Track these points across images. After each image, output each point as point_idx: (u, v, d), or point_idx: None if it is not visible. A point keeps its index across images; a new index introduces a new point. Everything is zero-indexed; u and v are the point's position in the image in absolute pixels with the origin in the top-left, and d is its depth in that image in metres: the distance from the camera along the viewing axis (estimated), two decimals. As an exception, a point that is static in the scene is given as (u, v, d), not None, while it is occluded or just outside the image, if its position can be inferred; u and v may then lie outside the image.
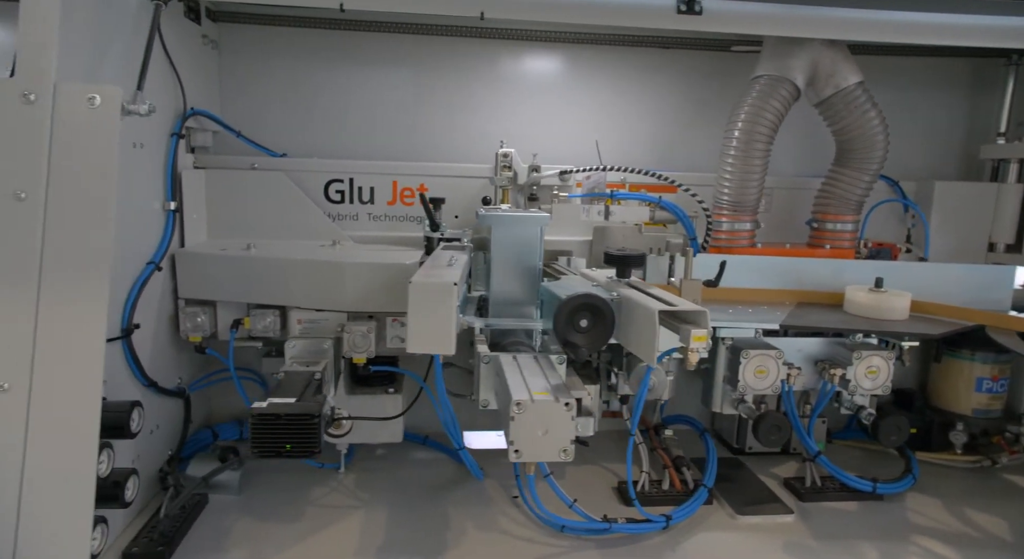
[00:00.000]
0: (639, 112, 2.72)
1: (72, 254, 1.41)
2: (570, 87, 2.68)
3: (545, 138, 2.61)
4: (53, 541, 1.35)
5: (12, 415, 1.36)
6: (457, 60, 2.61)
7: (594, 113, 2.70)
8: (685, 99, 2.73)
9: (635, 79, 2.70)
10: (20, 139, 1.42)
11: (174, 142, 2.06)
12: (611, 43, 2.65)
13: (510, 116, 2.65)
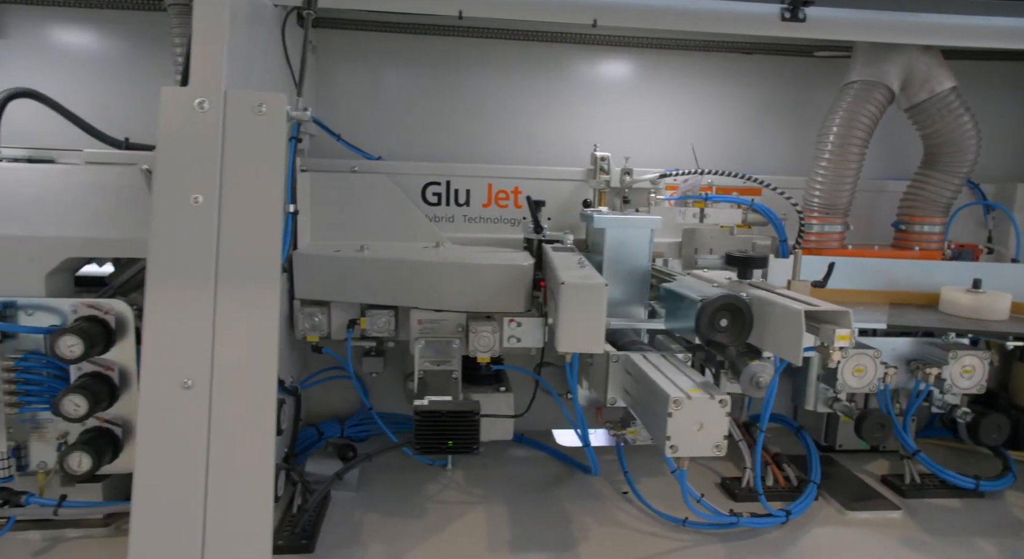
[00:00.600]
0: (720, 116, 2.77)
1: (245, 255, 1.46)
2: (654, 92, 2.72)
3: (630, 141, 2.65)
4: (238, 530, 1.40)
5: (196, 410, 1.41)
6: (546, 65, 2.65)
7: (676, 117, 2.74)
8: (765, 104, 2.78)
9: (716, 84, 2.74)
10: (195, 145, 1.47)
11: (292, 146, 2.11)
12: (695, 49, 2.69)
13: (598, 120, 2.69)
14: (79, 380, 1.70)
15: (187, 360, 1.42)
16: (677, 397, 1.48)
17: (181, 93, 1.48)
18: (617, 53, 2.69)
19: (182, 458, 1.40)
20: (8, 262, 1.68)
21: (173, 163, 1.45)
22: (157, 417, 1.40)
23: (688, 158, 2.64)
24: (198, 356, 1.42)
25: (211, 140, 1.47)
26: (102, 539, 1.78)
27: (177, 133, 1.47)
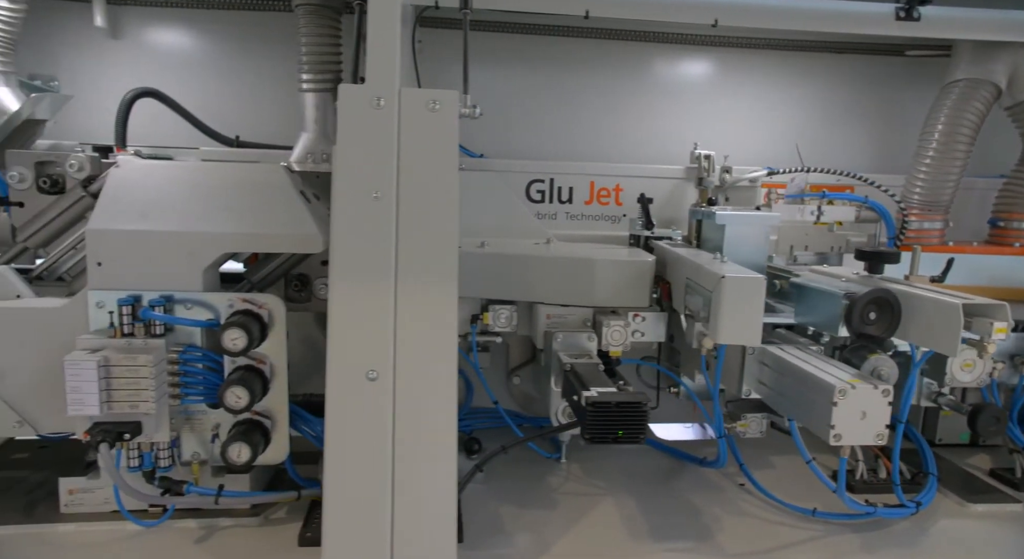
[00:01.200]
0: (807, 114, 2.80)
1: (423, 250, 1.49)
2: (743, 91, 2.76)
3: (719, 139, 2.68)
4: (424, 515, 1.43)
5: (381, 400, 1.45)
6: (635, 64, 2.69)
7: (764, 115, 2.78)
8: (853, 102, 2.81)
9: (805, 83, 2.78)
10: (372, 142, 1.50)
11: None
12: (786, 48, 2.72)
13: (688, 118, 2.73)
14: (236, 373, 1.73)
15: (371, 352, 1.45)
16: (842, 387, 1.51)
17: (358, 90, 1.51)
18: (705, 52, 2.73)
19: (369, 446, 1.43)
20: (168, 257, 1.71)
21: (352, 160, 1.49)
22: (344, 407, 1.44)
23: (778, 155, 2.68)
24: (381, 348, 1.46)
25: (388, 137, 1.50)
26: (253, 528, 1.82)
27: (355, 130, 1.50)
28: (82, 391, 1.60)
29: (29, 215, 1.90)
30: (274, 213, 1.81)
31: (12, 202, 1.88)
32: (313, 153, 2.19)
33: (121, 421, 1.65)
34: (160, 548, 1.71)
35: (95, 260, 1.70)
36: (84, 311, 1.71)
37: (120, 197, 1.77)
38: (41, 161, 1.87)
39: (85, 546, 1.70)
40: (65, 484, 1.82)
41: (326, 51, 2.16)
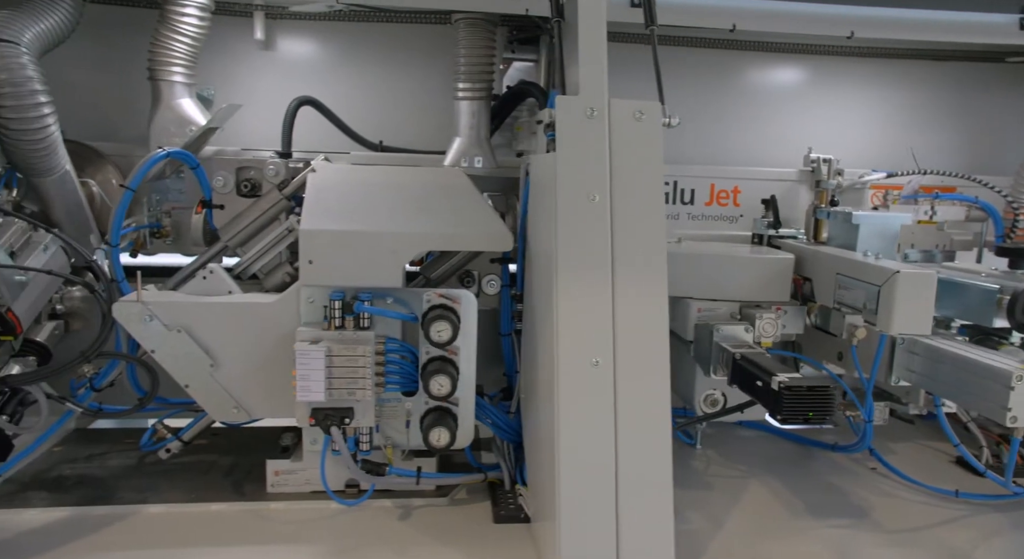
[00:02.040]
0: (905, 119, 2.93)
1: (635, 247, 1.63)
2: (846, 96, 2.88)
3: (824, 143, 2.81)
4: (644, 490, 1.57)
5: (603, 386, 1.58)
6: (744, 73, 2.82)
7: (865, 119, 2.90)
8: (950, 107, 2.94)
9: (903, 88, 2.90)
10: (587, 148, 1.64)
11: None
12: (888, 56, 2.84)
13: (796, 123, 2.85)
14: (434, 364, 1.87)
15: (594, 341, 1.59)
16: (1020, 373, 1.65)
17: (574, 101, 1.65)
18: (803, 60, 2.83)
19: (594, 423, 1.57)
20: (372, 255, 1.84)
21: (571, 165, 1.62)
22: (573, 391, 1.57)
23: (879, 157, 2.82)
24: (602, 337, 1.59)
25: (600, 144, 1.64)
26: (445, 507, 1.95)
27: (572, 138, 1.64)
28: (310, 379, 1.74)
29: (229, 217, 2.03)
30: (464, 213, 1.95)
31: (215, 205, 2.02)
32: (467, 156, 2.33)
33: (338, 407, 1.78)
34: (370, 524, 1.84)
35: (307, 258, 1.83)
36: (295, 306, 1.85)
37: (322, 200, 1.91)
38: (241, 166, 2.01)
39: (300, 522, 1.84)
40: (272, 466, 1.96)
41: (482, 62, 2.29)
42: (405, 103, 2.63)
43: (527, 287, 1.97)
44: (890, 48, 2.83)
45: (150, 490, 1.95)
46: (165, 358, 1.84)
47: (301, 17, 2.51)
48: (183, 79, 2.19)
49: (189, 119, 2.19)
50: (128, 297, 1.81)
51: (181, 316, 1.82)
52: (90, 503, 1.87)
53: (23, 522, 1.78)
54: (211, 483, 2.01)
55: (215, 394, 1.87)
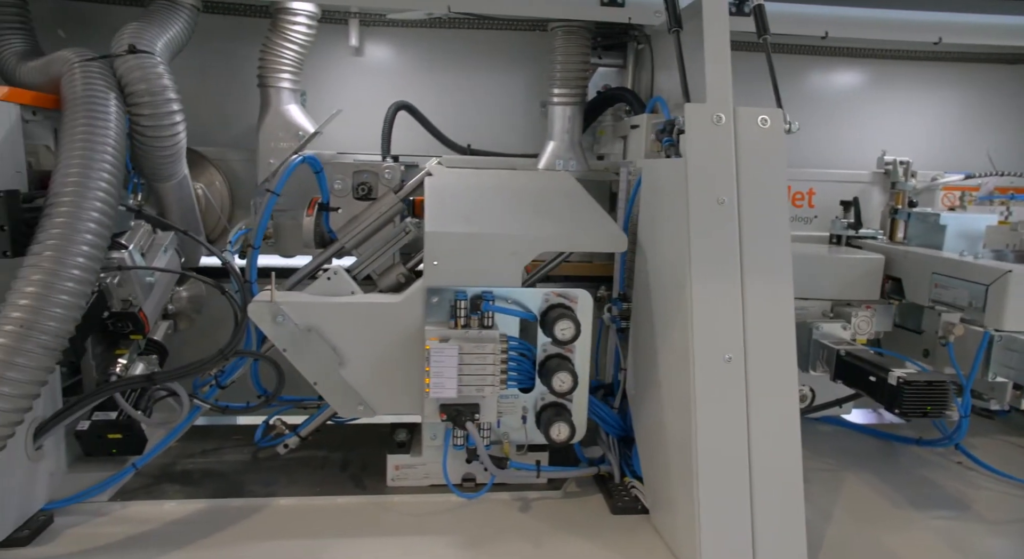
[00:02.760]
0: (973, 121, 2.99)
1: (762, 247, 1.70)
2: (915, 99, 2.95)
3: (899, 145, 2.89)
4: (776, 480, 1.64)
5: (735, 379, 1.65)
6: (825, 76, 2.89)
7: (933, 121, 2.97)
8: (1008, 108, 3.01)
9: (973, 91, 2.97)
10: (715, 154, 1.71)
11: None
12: (961, 60, 2.90)
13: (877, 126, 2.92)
14: (553, 361, 1.93)
15: (726, 337, 1.66)
16: None
17: (701, 108, 1.71)
18: (867, 64, 2.90)
19: (728, 419, 1.64)
20: (494, 256, 1.91)
21: (701, 169, 1.69)
22: (708, 386, 1.64)
23: (949, 160, 2.90)
24: (734, 334, 1.66)
25: (727, 149, 1.71)
26: (559, 499, 2.02)
27: (700, 143, 1.70)
28: (443, 375, 1.80)
29: (344, 219, 2.10)
30: (578, 216, 2.01)
31: (332, 208, 2.08)
32: (562, 159, 2.40)
33: (467, 403, 1.85)
34: (494, 516, 1.91)
35: (432, 259, 1.90)
36: (419, 305, 1.91)
37: (442, 202, 1.98)
38: (357, 170, 2.07)
39: (426, 514, 1.91)
40: (392, 461, 2.02)
41: (577, 68, 2.36)
42: (489, 107, 2.70)
43: (639, 286, 2.03)
44: (963, 52, 2.89)
45: (272, 484, 2.02)
46: (295, 356, 1.90)
47: (393, 24, 2.57)
48: (290, 85, 2.26)
49: (295, 124, 2.26)
50: (261, 297, 1.87)
51: (311, 316, 1.89)
52: (224, 496, 1.94)
53: (166, 513, 1.85)
54: (329, 477, 2.08)
55: (342, 391, 1.93)
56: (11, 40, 2.08)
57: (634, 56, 2.56)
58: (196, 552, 1.69)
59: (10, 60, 2.04)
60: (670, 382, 1.78)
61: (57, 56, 1.87)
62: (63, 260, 1.48)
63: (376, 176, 2.09)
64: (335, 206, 2.08)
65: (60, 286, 1.46)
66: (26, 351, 1.40)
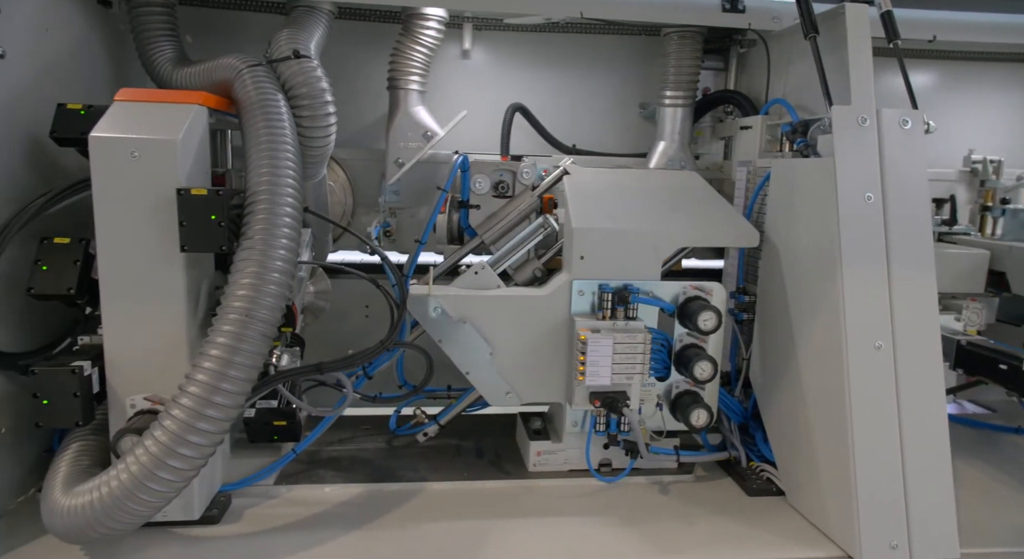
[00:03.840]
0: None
1: (906, 240, 1.79)
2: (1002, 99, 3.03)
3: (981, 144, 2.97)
4: (926, 461, 1.73)
5: (885, 366, 1.75)
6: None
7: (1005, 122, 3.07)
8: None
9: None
10: (861, 153, 1.80)
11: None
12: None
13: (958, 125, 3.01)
14: (691, 350, 2.03)
15: (876, 326, 1.76)
16: None
17: (847, 111, 1.81)
18: (938, 65, 2.99)
19: (880, 403, 1.73)
20: (636, 251, 2.01)
21: (848, 167, 1.79)
22: (860, 372, 1.74)
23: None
24: (882, 323, 1.76)
25: (871, 149, 1.81)
26: (693, 483, 2.12)
27: (848, 143, 1.80)
28: (599, 364, 1.90)
29: (483, 217, 2.20)
30: (710, 213, 2.11)
31: (471, 205, 2.18)
32: (672, 159, 2.50)
33: (616, 391, 1.95)
34: (639, 498, 2.01)
35: (579, 254, 1.99)
36: (564, 298, 2.01)
37: (584, 200, 2.07)
38: (496, 169, 2.17)
39: (573, 496, 2.01)
40: (534, 447, 2.12)
41: (690, 72, 2.46)
42: (587, 108, 2.78)
43: (766, 279, 2.12)
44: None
45: (417, 470, 2.11)
46: (450, 347, 2.00)
47: (506, 28, 2.67)
48: (418, 87, 2.36)
49: (423, 125, 2.35)
50: (419, 291, 1.97)
51: (465, 308, 1.99)
52: (378, 480, 2.03)
53: (328, 496, 1.95)
54: (470, 464, 2.17)
55: (492, 380, 2.03)
56: (162, 47, 2.17)
57: (736, 59, 2.65)
58: (370, 532, 1.79)
59: (164, 66, 2.14)
60: (814, 370, 1.87)
61: (223, 62, 1.96)
62: (269, 253, 1.58)
63: (513, 175, 2.19)
64: (475, 204, 2.17)
65: (270, 277, 1.56)
66: (249, 337, 1.50)
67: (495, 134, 2.42)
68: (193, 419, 1.44)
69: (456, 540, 1.76)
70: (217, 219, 1.56)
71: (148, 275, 1.62)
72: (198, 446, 1.45)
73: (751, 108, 2.43)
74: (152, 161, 1.58)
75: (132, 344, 1.64)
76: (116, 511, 1.45)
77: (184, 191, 1.55)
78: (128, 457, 1.46)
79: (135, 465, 1.44)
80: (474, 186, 2.17)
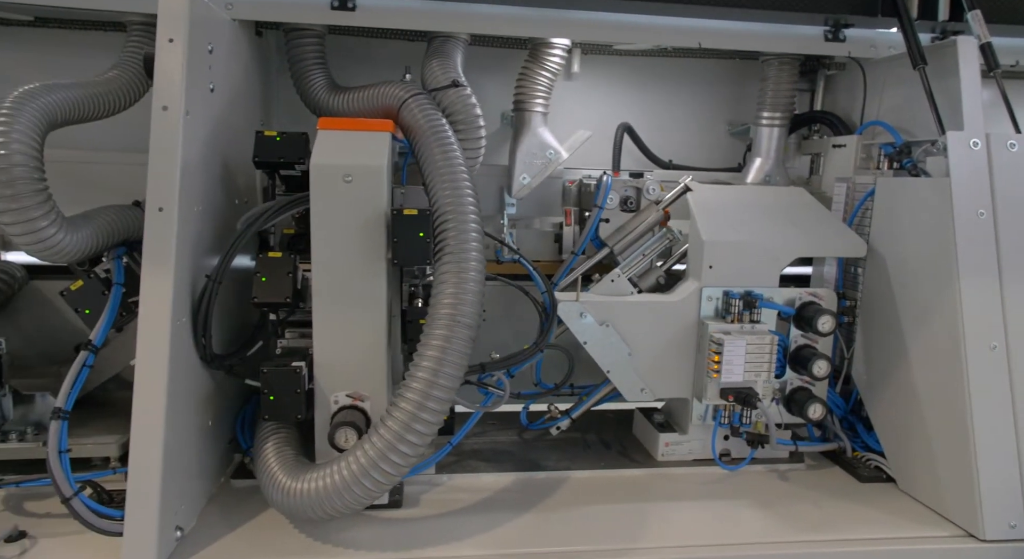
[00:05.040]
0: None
1: (1017, 250, 2.00)
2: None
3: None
4: None
5: (999, 364, 1.96)
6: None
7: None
8: None
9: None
10: (974, 173, 2.01)
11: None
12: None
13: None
14: (805, 350, 2.25)
15: (990, 329, 1.97)
16: None
17: (960, 135, 2.02)
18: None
19: (996, 397, 1.95)
20: (757, 261, 2.22)
21: (963, 186, 2.00)
22: (978, 371, 1.95)
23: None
24: (996, 325, 1.97)
25: (982, 170, 2.02)
26: (806, 470, 2.32)
27: (962, 164, 2.01)
28: (733, 363, 2.11)
29: (612, 229, 2.40)
30: (821, 225, 2.32)
31: (604, 218, 2.38)
32: (769, 175, 2.71)
33: (744, 388, 2.15)
34: (764, 484, 2.22)
35: (708, 263, 2.21)
36: (694, 302, 2.22)
37: (709, 214, 2.28)
38: (624, 185, 2.38)
39: (707, 483, 2.21)
40: (663, 438, 2.33)
41: (787, 94, 2.67)
42: (678, 127, 3.00)
43: (872, 286, 2.32)
44: None
45: (556, 460, 2.31)
46: (594, 348, 2.20)
47: (613, 53, 2.88)
48: (542, 109, 2.56)
49: (548, 145, 2.56)
50: (567, 297, 2.17)
51: (607, 312, 2.20)
52: (527, 470, 2.23)
53: (486, 484, 2.15)
54: (600, 454, 2.38)
55: (630, 378, 2.24)
56: (316, 75, 2.37)
57: (823, 81, 2.87)
58: (537, 514, 1.99)
59: (320, 93, 2.34)
60: (928, 369, 2.08)
61: (386, 91, 2.17)
62: (463, 265, 1.78)
63: (638, 190, 2.39)
64: (605, 217, 2.38)
65: (467, 287, 1.77)
66: (457, 339, 1.71)
67: (595, 150, 2.64)
68: (417, 410, 1.66)
69: (615, 521, 1.97)
70: (424, 236, 1.76)
71: (355, 285, 1.82)
72: (421, 434, 1.66)
73: (844, 128, 2.64)
74: (363, 185, 1.78)
75: (339, 346, 1.85)
76: (344, 494, 1.66)
77: (397, 211, 1.76)
78: (357, 450, 1.67)
79: (363, 456, 1.65)
80: (609, 201, 2.37)
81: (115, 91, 2.08)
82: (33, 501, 1.93)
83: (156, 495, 1.61)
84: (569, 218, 2.48)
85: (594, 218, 2.26)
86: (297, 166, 1.99)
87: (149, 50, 1.82)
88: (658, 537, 1.89)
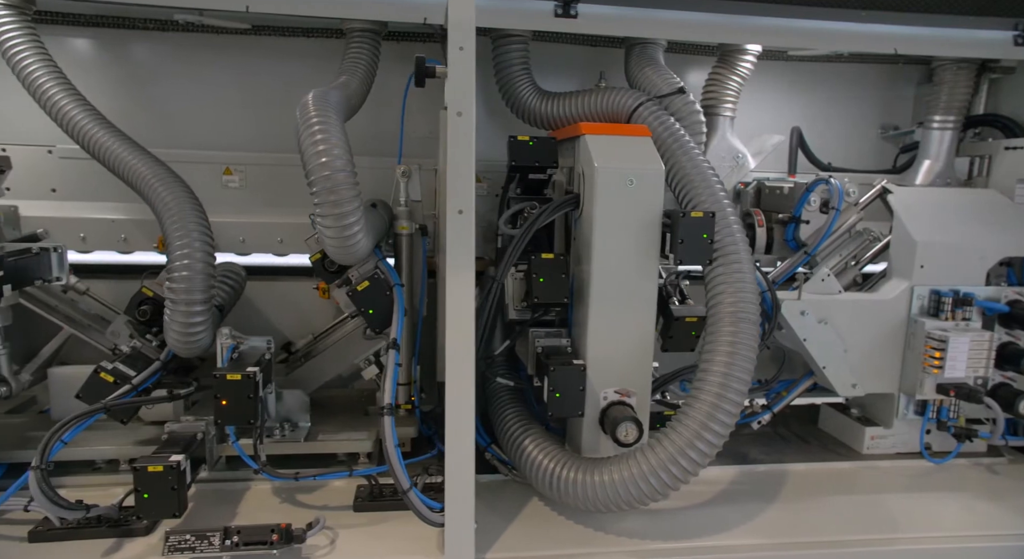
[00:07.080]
0: None
1: None
2: None
3: None
4: None
5: None
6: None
7: None
8: None
9: None
10: None
11: None
12: None
13: None
14: (1011, 347, 2.32)
15: None
16: None
17: None
18: None
19: None
20: (967, 260, 2.30)
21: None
22: None
23: None
24: None
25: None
26: (1007, 465, 2.40)
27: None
28: (956, 360, 2.19)
29: (811, 230, 2.47)
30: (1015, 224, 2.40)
31: (803, 220, 2.45)
32: (939, 176, 2.78)
33: (964, 383, 2.23)
34: (971, 475, 2.31)
35: (919, 263, 2.29)
36: (904, 300, 2.30)
37: (913, 215, 2.36)
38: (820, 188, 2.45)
39: (915, 475, 2.29)
40: (869, 432, 2.40)
41: (962, 98, 2.74)
42: (831, 129, 3.07)
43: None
44: None
45: (763, 454, 2.40)
46: (813, 345, 2.28)
47: (785, 58, 2.94)
48: (731, 113, 2.63)
49: (736, 149, 2.63)
50: (790, 296, 2.25)
51: (825, 310, 2.27)
52: (743, 463, 2.31)
53: (716, 476, 2.23)
54: (803, 448, 2.46)
55: (843, 373, 2.31)
56: (524, 80, 2.43)
57: (987, 84, 2.95)
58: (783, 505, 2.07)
59: (530, 98, 2.40)
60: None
61: (612, 97, 2.23)
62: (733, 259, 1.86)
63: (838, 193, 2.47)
64: (805, 219, 2.45)
65: (743, 286, 1.84)
66: (745, 334, 1.78)
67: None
68: (717, 402, 1.73)
69: (864, 511, 2.04)
70: (708, 237, 1.83)
71: (630, 284, 1.89)
72: (724, 424, 1.74)
73: (1020, 130, 2.72)
74: (645, 187, 1.85)
75: (610, 344, 1.91)
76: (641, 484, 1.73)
77: (684, 213, 1.82)
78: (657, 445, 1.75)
79: (671, 445, 1.73)
80: (809, 204, 2.44)
81: (353, 95, 2.14)
82: (304, 493, 1.99)
83: (470, 489, 1.68)
84: (761, 220, 2.55)
85: (830, 220, 2.32)
86: (549, 170, 2.06)
87: (420, 55, 1.88)
88: (924, 526, 1.98)
